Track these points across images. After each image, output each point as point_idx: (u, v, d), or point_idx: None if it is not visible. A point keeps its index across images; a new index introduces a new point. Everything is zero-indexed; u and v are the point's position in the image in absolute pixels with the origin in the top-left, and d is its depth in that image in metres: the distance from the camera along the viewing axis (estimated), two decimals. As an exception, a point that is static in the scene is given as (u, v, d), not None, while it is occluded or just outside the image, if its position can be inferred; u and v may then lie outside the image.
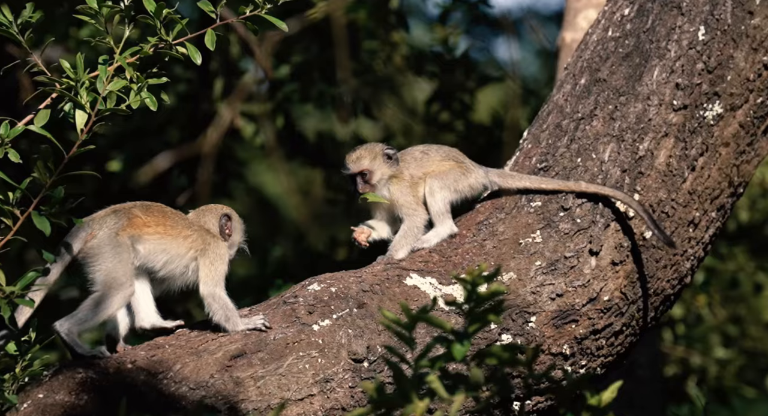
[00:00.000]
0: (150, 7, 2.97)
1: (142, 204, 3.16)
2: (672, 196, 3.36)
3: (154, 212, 3.12)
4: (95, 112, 2.92)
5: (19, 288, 2.87)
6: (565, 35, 4.56)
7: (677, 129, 3.37)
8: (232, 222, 3.22)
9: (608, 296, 3.30)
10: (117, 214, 3.09)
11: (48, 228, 2.89)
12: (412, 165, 3.36)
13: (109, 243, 3.03)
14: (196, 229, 3.16)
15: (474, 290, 2.42)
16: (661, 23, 3.40)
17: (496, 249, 3.31)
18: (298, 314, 3.13)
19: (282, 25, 3.06)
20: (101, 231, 3.04)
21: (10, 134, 2.89)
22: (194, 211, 3.26)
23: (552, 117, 3.47)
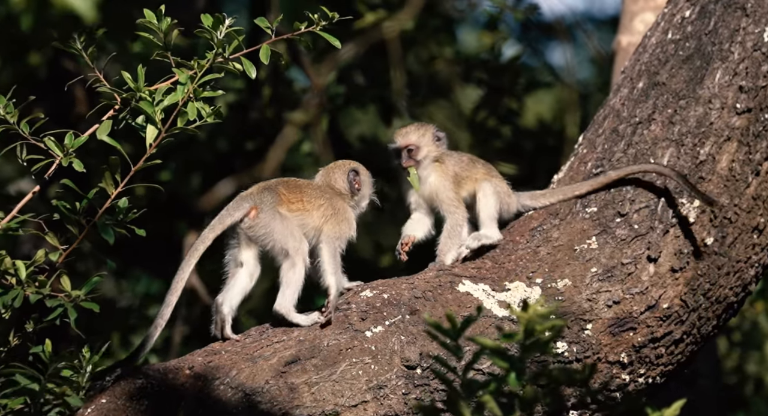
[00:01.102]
0: (207, 22, 3.00)
1: (282, 181, 3.24)
2: (735, 201, 3.29)
3: (293, 188, 3.21)
4: (166, 128, 2.96)
5: (84, 292, 2.92)
6: (621, 39, 4.51)
7: (741, 133, 3.30)
8: (360, 176, 3.28)
9: (668, 303, 3.24)
10: (270, 191, 3.17)
11: (112, 238, 2.95)
12: (459, 165, 3.35)
13: (274, 217, 3.13)
14: (328, 197, 3.23)
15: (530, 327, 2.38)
16: (724, 25, 3.35)
17: (550, 255, 3.28)
18: (351, 320, 3.13)
19: (336, 43, 3.09)
20: (264, 206, 3.13)
21: (74, 144, 2.95)
22: (322, 170, 3.32)
23: (608, 121, 3.43)
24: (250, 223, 3.11)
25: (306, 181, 3.26)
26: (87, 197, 2.95)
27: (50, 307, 2.91)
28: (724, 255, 3.29)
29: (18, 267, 2.90)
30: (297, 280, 3.12)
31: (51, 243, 2.99)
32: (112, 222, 2.97)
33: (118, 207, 2.97)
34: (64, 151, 2.95)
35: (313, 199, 3.19)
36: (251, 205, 3.11)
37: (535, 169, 5.52)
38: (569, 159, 3.49)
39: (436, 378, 3.07)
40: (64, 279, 2.96)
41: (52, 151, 2.97)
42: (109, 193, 2.97)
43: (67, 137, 2.98)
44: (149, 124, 2.97)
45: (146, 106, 2.96)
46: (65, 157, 2.93)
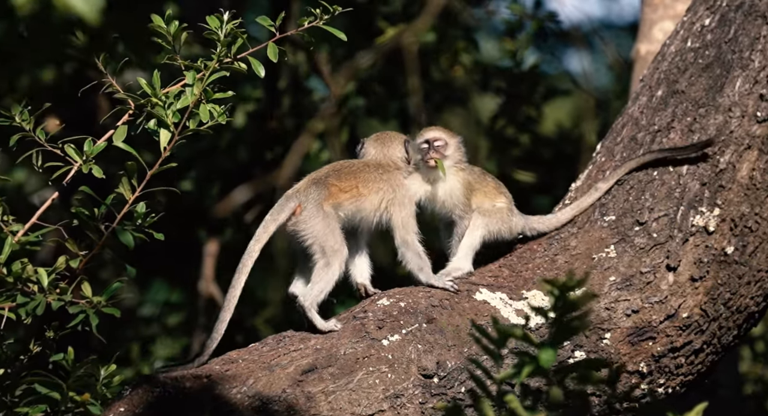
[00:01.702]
0: (213, 23, 3.01)
1: (333, 170, 3.23)
2: (755, 210, 3.26)
3: (346, 175, 3.20)
4: (179, 131, 2.98)
5: (104, 298, 2.94)
6: (640, 47, 4.49)
7: (761, 141, 3.27)
8: (410, 145, 3.29)
9: (687, 313, 3.21)
10: (317, 185, 3.17)
11: (131, 242, 2.96)
12: (473, 175, 3.35)
13: (317, 214, 3.12)
14: (385, 178, 3.22)
15: (563, 296, 2.36)
16: (744, 33, 3.32)
17: (567, 264, 3.26)
18: (368, 329, 3.13)
19: (341, 35, 3.08)
20: (308, 203, 3.13)
21: (93, 151, 2.97)
22: (372, 143, 3.29)
23: (627, 129, 3.41)
24: (294, 222, 3.11)
25: (359, 161, 3.24)
26: (105, 203, 2.97)
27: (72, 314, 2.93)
28: (744, 265, 3.26)
29: (40, 274, 2.93)
30: (328, 280, 3.11)
31: (71, 249, 3.01)
32: (130, 227, 2.98)
33: (136, 212, 2.98)
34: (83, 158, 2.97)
35: (369, 182, 3.18)
36: (296, 203, 3.12)
37: (554, 176, 5.49)
38: (587, 167, 3.48)
39: (453, 386, 3.05)
40: (85, 286, 2.99)
41: (71, 158, 2.99)
42: (127, 198, 2.99)
43: (86, 144, 3.00)
44: (162, 127, 2.97)
45: (159, 109, 2.97)
46: (85, 164, 2.96)
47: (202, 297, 5.64)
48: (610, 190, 3.30)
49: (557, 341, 2.35)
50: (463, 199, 3.31)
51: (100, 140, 3.00)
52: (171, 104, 2.97)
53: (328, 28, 3.07)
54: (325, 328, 3.11)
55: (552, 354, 2.33)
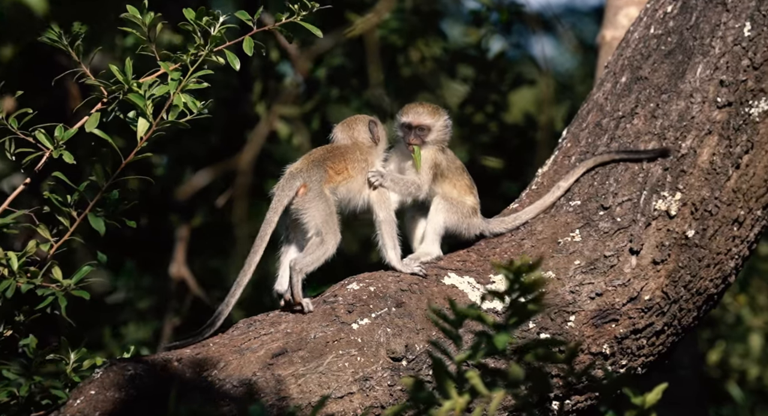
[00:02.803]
0: (189, 15, 3.02)
1: (326, 151, 3.27)
2: (715, 194, 3.32)
3: (338, 157, 3.25)
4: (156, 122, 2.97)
5: (74, 281, 2.94)
6: (605, 33, 4.53)
7: (721, 126, 3.33)
8: (378, 127, 3.33)
9: (649, 295, 3.28)
10: (318, 167, 3.22)
11: (103, 229, 2.97)
12: (447, 162, 3.35)
13: (320, 196, 3.19)
14: (364, 158, 3.27)
15: (516, 279, 2.41)
16: (705, 20, 3.37)
17: (534, 248, 3.31)
18: (338, 313, 3.16)
19: (317, 32, 3.12)
20: (312, 184, 3.19)
21: (64, 136, 2.96)
22: (339, 127, 3.33)
23: (592, 115, 3.46)
24: (298, 200, 3.18)
25: (343, 144, 3.29)
26: (78, 189, 2.96)
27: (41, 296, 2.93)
28: (704, 248, 3.32)
29: (10, 258, 2.92)
30: (320, 255, 3.17)
31: (42, 235, 3.00)
32: (103, 213, 2.97)
33: (109, 199, 2.98)
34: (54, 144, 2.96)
35: (355, 163, 3.24)
36: (302, 182, 3.17)
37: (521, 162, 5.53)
38: (554, 152, 3.52)
39: (422, 369, 3.10)
40: (55, 270, 2.99)
41: (42, 144, 2.98)
42: (100, 185, 2.98)
43: (57, 130, 2.99)
44: (140, 117, 2.97)
45: (137, 99, 2.97)
46: (55, 149, 2.95)
47: (173, 281, 5.63)
48: (570, 188, 3.34)
49: (512, 323, 2.39)
50: (426, 175, 3.30)
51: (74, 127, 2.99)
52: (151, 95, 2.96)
53: (304, 24, 3.09)
54: (303, 301, 3.15)
55: (506, 337, 2.37)
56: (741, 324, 5.74)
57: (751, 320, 5.73)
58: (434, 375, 2.41)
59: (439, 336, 3.13)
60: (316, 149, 3.31)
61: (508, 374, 2.38)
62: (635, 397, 2.46)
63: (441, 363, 2.42)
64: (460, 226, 3.32)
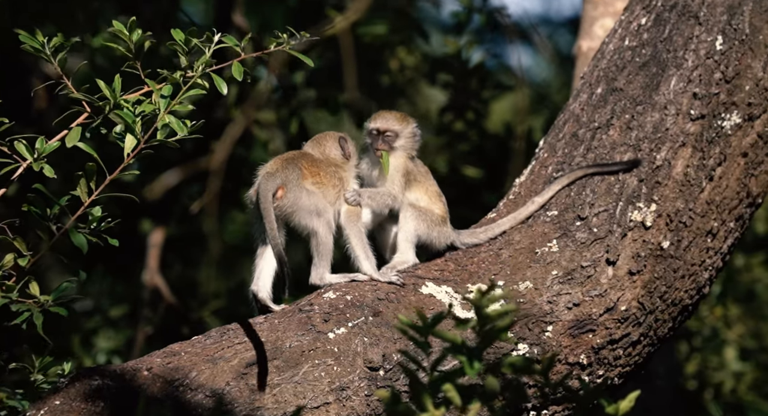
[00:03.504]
0: (178, 37, 2.99)
1: (301, 154, 3.28)
2: (690, 205, 3.35)
3: (312, 162, 3.25)
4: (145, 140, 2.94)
5: (52, 297, 2.89)
6: (581, 44, 4.56)
7: (695, 138, 3.36)
8: (348, 143, 3.33)
9: (625, 306, 3.29)
10: (293, 166, 3.21)
11: (85, 246, 2.93)
12: (417, 168, 3.35)
13: (300, 194, 3.18)
14: (339, 175, 3.28)
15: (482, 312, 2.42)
16: (678, 33, 3.41)
17: (512, 258, 3.31)
18: (314, 322, 3.14)
19: (308, 61, 3.10)
20: (289, 184, 3.18)
21: (45, 149, 2.91)
22: (310, 143, 3.33)
23: (568, 126, 3.48)
24: (278, 203, 3.16)
25: (316, 154, 3.29)
26: (59, 203, 2.91)
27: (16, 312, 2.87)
28: (679, 259, 3.35)
29: (-15, 271, 2.87)
30: (326, 249, 3.19)
31: (19, 248, 2.95)
32: (85, 230, 2.93)
33: (91, 215, 2.94)
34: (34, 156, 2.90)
35: (329, 175, 3.24)
36: (279, 183, 3.16)
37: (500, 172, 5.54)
38: (531, 163, 3.53)
39: (399, 379, 3.08)
40: (32, 285, 2.93)
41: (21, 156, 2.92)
42: (83, 200, 2.94)
43: (39, 142, 2.93)
44: (129, 133, 2.94)
45: (126, 116, 2.93)
46: (36, 162, 2.89)
47: (146, 289, 5.57)
48: (545, 204, 3.35)
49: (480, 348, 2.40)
50: (399, 184, 3.31)
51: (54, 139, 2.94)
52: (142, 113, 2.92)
53: (295, 54, 3.08)
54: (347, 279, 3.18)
55: (478, 365, 2.37)
56: (717, 336, 5.79)
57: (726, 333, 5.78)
58: (410, 387, 2.41)
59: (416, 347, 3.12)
60: (290, 152, 3.30)
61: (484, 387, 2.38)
62: (609, 406, 2.47)
63: (415, 376, 2.42)
64: (431, 234, 3.32)
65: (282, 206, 3.19)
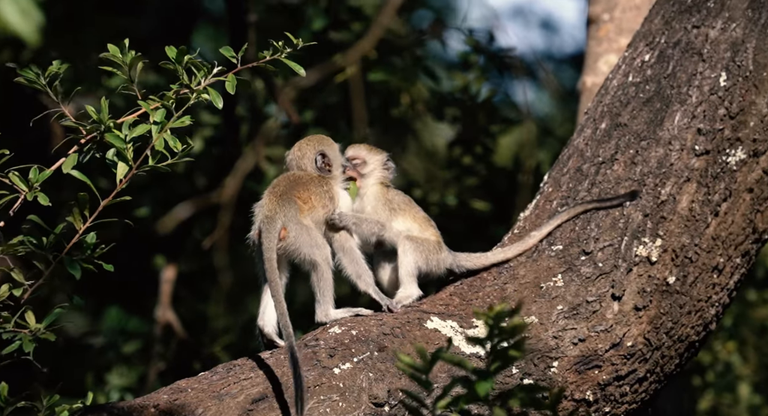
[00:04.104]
0: (171, 54, 3.02)
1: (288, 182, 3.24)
2: (695, 241, 3.33)
3: (301, 187, 3.23)
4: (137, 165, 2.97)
5: (44, 325, 2.90)
6: (586, 79, 4.59)
7: (699, 174, 3.35)
8: (327, 156, 3.29)
9: (632, 342, 3.27)
10: (288, 202, 3.19)
11: (79, 273, 2.93)
12: (399, 196, 3.35)
13: (301, 232, 3.18)
14: (325, 190, 3.25)
15: (496, 325, 2.40)
16: (681, 69, 3.42)
17: (517, 292, 3.30)
18: (319, 357, 3.13)
19: (300, 71, 3.09)
20: (289, 223, 3.17)
21: (39, 178, 2.95)
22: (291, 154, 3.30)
23: (572, 161, 3.48)
24: (282, 244, 3.16)
25: (304, 173, 3.26)
26: (54, 232, 2.94)
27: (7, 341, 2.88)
28: (685, 294, 3.32)
29: (-19, 303, 2.88)
30: (328, 285, 3.17)
31: (17, 279, 2.97)
32: (79, 257, 2.96)
33: (86, 242, 2.95)
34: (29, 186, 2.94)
35: (317, 195, 3.22)
36: (281, 224, 3.15)
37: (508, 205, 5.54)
38: (535, 197, 3.53)
39: (404, 414, 3.06)
40: (28, 315, 2.94)
41: (17, 186, 2.96)
42: (77, 228, 2.95)
43: (32, 171, 2.96)
44: (120, 159, 2.96)
45: (116, 141, 2.95)
46: (30, 191, 2.93)
47: (158, 324, 5.58)
48: (543, 239, 3.35)
49: (494, 369, 2.38)
50: (383, 213, 3.31)
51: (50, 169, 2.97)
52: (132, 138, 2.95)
53: (287, 62, 3.08)
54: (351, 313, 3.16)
55: (488, 384, 2.35)
56: (730, 372, 5.70)
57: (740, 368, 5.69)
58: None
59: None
60: (278, 180, 3.26)
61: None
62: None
63: (419, 413, 2.40)
64: (430, 264, 3.32)
65: (285, 246, 3.18)
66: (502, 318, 2.39)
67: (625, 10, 4.48)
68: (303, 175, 3.28)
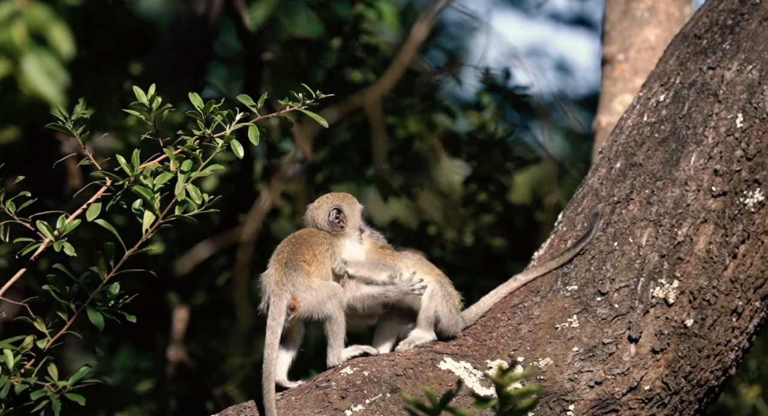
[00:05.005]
0: (196, 102, 3.02)
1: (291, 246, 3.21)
2: (713, 283, 3.28)
3: (306, 248, 3.20)
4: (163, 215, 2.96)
5: (70, 383, 2.88)
6: (600, 119, 4.58)
7: (717, 215, 3.31)
8: (343, 213, 3.26)
9: (649, 385, 3.20)
10: (295, 270, 3.17)
11: (102, 323, 2.92)
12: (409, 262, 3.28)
13: (312, 297, 3.16)
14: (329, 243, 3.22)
15: (502, 390, 2.36)
16: (697, 110, 3.40)
17: (531, 333, 3.25)
18: (331, 399, 3.09)
19: (322, 121, 3.09)
20: (298, 293, 3.15)
21: (66, 228, 2.93)
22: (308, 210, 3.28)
23: (587, 200, 3.45)
24: (295, 314, 3.16)
25: (306, 230, 3.24)
26: (78, 281, 2.92)
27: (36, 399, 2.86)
28: (704, 338, 3.26)
29: (6, 355, 2.86)
30: (340, 329, 3.16)
31: (38, 328, 2.94)
32: (103, 307, 2.94)
33: (109, 292, 2.94)
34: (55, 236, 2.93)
35: (322, 249, 3.19)
36: (289, 297, 3.14)
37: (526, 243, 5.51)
38: (549, 236, 3.50)
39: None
40: (51, 369, 2.92)
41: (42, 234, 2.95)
42: (102, 277, 2.94)
43: (60, 220, 2.95)
44: (147, 209, 2.95)
45: (145, 191, 2.94)
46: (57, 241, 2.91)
47: (171, 363, 5.56)
48: (526, 283, 3.32)
49: None
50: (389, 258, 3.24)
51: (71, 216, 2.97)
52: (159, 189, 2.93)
53: (309, 114, 3.07)
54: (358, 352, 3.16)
55: None
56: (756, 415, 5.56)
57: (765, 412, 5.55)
58: None
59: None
60: (282, 245, 3.22)
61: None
62: None
63: None
64: (449, 322, 3.26)
65: (299, 315, 3.17)
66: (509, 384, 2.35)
67: (640, 50, 4.48)
68: (306, 233, 3.25)
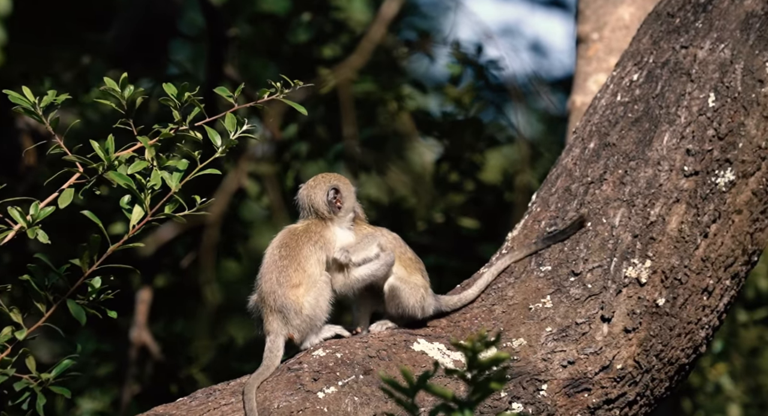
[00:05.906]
0: (170, 91, 2.97)
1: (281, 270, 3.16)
2: (685, 262, 3.31)
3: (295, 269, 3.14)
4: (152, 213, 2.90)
5: (53, 376, 2.81)
6: (575, 98, 4.58)
7: (689, 195, 3.34)
8: (341, 193, 3.21)
9: (621, 364, 3.23)
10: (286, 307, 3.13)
11: (83, 318, 2.86)
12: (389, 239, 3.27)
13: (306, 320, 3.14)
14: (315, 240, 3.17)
15: (475, 357, 2.36)
16: (670, 89, 3.41)
17: (505, 314, 3.26)
18: (303, 381, 3.07)
19: (302, 110, 3.07)
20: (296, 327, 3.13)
21: (40, 215, 2.85)
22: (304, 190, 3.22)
23: (561, 180, 3.46)
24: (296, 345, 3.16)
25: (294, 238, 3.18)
26: (59, 273, 2.85)
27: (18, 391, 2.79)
28: (675, 316, 3.29)
29: (-19, 346, 2.79)
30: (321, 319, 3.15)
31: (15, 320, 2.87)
32: (83, 301, 2.88)
33: (91, 286, 2.89)
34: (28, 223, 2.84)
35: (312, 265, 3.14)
36: (287, 335, 3.13)
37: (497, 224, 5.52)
38: (523, 217, 3.50)
39: (390, 440, 3.00)
40: (29, 360, 2.86)
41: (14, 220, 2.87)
42: (84, 271, 2.88)
43: (32, 207, 2.87)
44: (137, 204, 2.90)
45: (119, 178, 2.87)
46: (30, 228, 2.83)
47: (134, 346, 5.47)
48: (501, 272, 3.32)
49: (474, 401, 2.34)
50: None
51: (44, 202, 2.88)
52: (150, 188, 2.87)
53: (288, 103, 3.04)
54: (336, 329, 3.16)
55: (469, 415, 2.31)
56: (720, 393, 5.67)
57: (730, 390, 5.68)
58: None
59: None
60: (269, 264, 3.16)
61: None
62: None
63: None
64: (416, 309, 3.25)
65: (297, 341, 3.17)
66: (482, 350, 2.35)
67: (614, 29, 4.49)
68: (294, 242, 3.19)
